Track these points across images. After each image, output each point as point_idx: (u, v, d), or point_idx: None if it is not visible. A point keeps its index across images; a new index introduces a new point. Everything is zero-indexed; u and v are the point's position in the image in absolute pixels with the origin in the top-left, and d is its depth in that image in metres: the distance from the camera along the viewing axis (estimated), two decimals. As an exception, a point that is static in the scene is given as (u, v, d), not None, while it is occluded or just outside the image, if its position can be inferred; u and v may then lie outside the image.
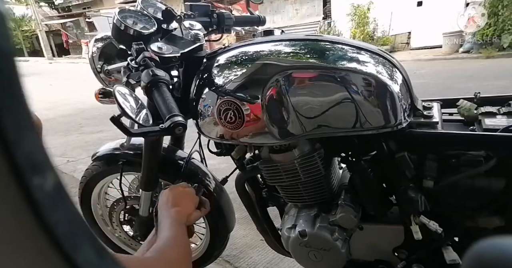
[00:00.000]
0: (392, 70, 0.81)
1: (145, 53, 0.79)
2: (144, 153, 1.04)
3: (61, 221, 0.15)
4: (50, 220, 0.14)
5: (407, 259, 0.93)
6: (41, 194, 0.14)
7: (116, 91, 0.71)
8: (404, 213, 0.87)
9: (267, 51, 0.83)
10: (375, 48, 0.84)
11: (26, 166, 0.14)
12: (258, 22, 1.26)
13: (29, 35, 19.49)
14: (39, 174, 0.14)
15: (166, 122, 0.69)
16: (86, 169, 1.29)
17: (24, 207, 0.14)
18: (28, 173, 0.14)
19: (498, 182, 0.78)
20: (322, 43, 0.84)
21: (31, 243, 0.15)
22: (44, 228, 0.14)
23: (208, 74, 0.88)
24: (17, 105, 0.14)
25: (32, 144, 0.14)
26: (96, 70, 1.02)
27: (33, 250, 0.15)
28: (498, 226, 0.81)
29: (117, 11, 0.88)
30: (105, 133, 3.83)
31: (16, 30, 17.70)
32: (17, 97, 0.13)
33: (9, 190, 0.13)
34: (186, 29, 0.96)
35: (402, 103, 0.79)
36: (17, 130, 0.13)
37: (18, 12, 18.23)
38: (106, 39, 1.04)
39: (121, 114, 0.69)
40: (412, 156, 0.82)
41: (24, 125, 0.14)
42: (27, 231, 0.14)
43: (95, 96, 1.06)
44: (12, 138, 0.13)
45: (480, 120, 0.82)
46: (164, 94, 0.74)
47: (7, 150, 0.13)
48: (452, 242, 0.88)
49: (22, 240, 0.15)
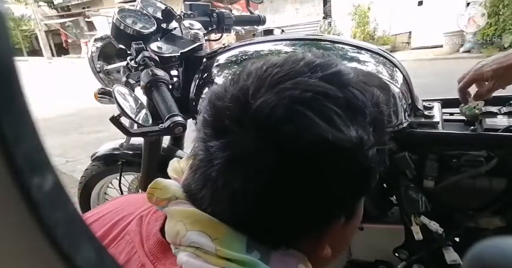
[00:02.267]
0: (393, 70, 0.81)
1: (145, 53, 0.79)
2: (144, 153, 1.04)
3: (61, 221, 0.15)
4: (49, 220, 0.14)
5: (407, 260, 0.93)
6: (40, 194, 0.14)
7: (116, 91, 0.71)
8: (404, 213, 0.87)
9: (267, 51, 0.83)
10: (376, 48, 0.84)
11: (25, 166, 0.13)
12: (258, 21, 1.26)
13: (28, 34, 19.50)
14: (38, 174, 0.14)
15: (166, 122, 0.69)
16: (86, 169, 1.29)
17: (23, 207, 0.14)
18: (27, 173, 0.14)
19: (499, 182, 0.78)
20: (322, 43, 0.84)
21: (30, 243, 0.15)
22: (43, 228, 0.14)
23: (208, 73, 0.88)
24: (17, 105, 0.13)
25: (31, 144, 0.14)
26: (96, 69, 1.02)
27: (32, 250, 0.15)
28: (498, 226, 0.81)
29: (117, 11, 0.88)
30: (104, 133, 3.83)
31: (15, 29, 17.70)
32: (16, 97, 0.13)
33: (8, 190, 0.13)
34: (185, 28, 0.96)
35: (403, 103, 0.79)
36: (16, 130, 0.13)
37: (17, 12, 18.22)
38: (105, 38, 1.04)
39: (120, 114, 0.69)
40: (412, 156, 0.82)
41: (23, 125, 0.14)
42: (26, 231, 0.14)
43: (95, 96, 1.06)
44: (11, 138, 0.13)
45: (481, 120, 0.82)
46: (164, 94, 0.74)
47: (6, 150, 0.13)
48: (452, 243, 0.88)
49: (21, 240, 0.15)
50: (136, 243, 0.35)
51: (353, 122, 0.30)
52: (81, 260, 0.15)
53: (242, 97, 0.30)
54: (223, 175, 0.31)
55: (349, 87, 0.31)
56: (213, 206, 0.32)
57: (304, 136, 0.28)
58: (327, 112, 0.29)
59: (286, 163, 0.29)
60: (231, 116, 0.30)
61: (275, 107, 0.29)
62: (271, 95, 0.29)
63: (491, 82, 0.77)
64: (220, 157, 0.30)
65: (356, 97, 0.31)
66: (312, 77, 0.31)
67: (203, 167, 0.32)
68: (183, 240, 0.31)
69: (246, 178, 0.30)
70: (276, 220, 0.31)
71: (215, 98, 0.33)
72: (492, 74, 0.76)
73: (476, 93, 0.81)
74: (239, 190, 0.30)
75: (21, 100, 0.13)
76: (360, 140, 0.30)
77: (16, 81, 0.13)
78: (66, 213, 0.15)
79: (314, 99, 0.29)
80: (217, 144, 0.31)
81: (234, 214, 0.31)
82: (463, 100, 0.84)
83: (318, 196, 0.31)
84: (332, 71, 0.32)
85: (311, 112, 0.29)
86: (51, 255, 0.15)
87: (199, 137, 0.34)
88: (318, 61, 0.33)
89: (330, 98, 0.30)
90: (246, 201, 0.30)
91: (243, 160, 0.30)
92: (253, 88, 0.30)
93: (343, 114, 0.30)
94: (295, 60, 0.33)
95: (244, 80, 0.32)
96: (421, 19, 8.54)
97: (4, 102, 0.13)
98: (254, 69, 0.33)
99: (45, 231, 0.14)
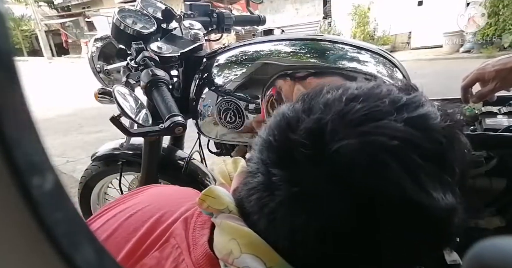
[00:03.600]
0: (393, 70, 0.81)
1: (145, 53, 0.79)
2: (144, 153, 1.04)
3: (61, 221, 0.15)
4: (49, 220, 0.14)
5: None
6: (40, 194, 0.14)
7: (116, 91, 0.71)
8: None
9: (267, 51, 0.83)
10: (376, 48, 0.84)
11: (25, 166, 0.13)
12: (258, 21, 1.26)
13: (28, 34, 19.48)
14: (39, 174, 0.14)
15: (166, 122, 0.69)
16: (86, 169, 1.29)
17: (23, 207, 0.14)
18: (27, 173, 0.14)
19: (499, 182, 0.78)
20: (322, 43, 0.84)
21: (29, 243, 0.15)
22: (43, 228, 0.14)
23: (208, 74, 0.88)
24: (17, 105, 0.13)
25: (31, 144, 0.14)
26: (96, 70, 1.02)
27: (32, 250, 0.15)
28: (499, 226, 0.81)
29: (117, 11, 0.88)
30: (104, 133, 3.83)
31: (15, 29, 17.69)
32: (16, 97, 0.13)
33: (8, 190, 0.13)
34: (185, 28, 0.96)
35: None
36: (16, 130, 0.13)
37: (17, 12, 18.22)
38: (105, 38, 1.04)
39: (120, 114, 0.69)
40: (412, 156, 0.82)
41: (23, 125, 0.14)
42: (26, 231, 0.14)
43: (95, 96, 1.06)
44: (11, 138, 0.13)
45: (481, 120, 0.82)
46: (164, 94, 0.74)
47: (6, 150, 0.13)
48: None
49: (21, 240, 0.15)
50: (184, 250, 0.34)
51: (442, 184, 0.27)
52: (81, 260, 0.15)
53: (319, 133, 0.27)
54: (287, 209, 0.29)
55: (437, 134, 0.28)
56: (269, 233, 0.31)
57: (386, 191, 0.26)
58: (415, 167, 0.26)
59: (360, 213, 0.26)
60: (304, 153, 0.27)
61: (357, 154, 0.26)
62: (352, 139, 0.26)
63: (493, 82, 0.77)
64: (284, 189, 0.28)
65: (444, 149, 0.28)
66: (398, 119, 0.27)
67: (261, 192, 0.30)
68: (237, 262, 0.30)
69: (311, 218, 0.28)
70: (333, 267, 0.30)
71: (286, 124, 0.30)
72: (495, 75, 0.76)
73: (478, 93, 0.81)
74: (301, 228, 0.28)
75: (21, 100, 0.13)
76: (450, 210, 0.27)
77: (16, 81, 0.13)
78: (66, 213, 0.15)
79: (402, 149, 0.26)
80: (282, 174, 0.29)
81: (292, 248, 0.30)
82: (465, 99, 0.83)
83: (379, 256, 0.29)
84: (419, 114, 0.28)
85: (398, 165, 0.25)
86: (51, 255, 0.15)
87: (260, 157, 0.31)
88: (405, 98, 0.29)
89: (418, 149, 0.26)
90: (306, 240, 0.29)
91: (311, 200, 0.27)
92: (331, 124, 0.27)
93: (432, 172, 0.26)
94: (380, 96, 0.29)
95: (321, 111, 0.29)
96: (421, 19, 8.54)
97: (4, 102, 0.13)
98: (332, 99, 0.30)
99: (45, 231, 0.14)
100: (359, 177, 0.26)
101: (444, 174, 0.27)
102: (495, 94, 0.81)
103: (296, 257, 0.30)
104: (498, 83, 0.76)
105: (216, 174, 0.41)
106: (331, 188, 0.27)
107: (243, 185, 0.34)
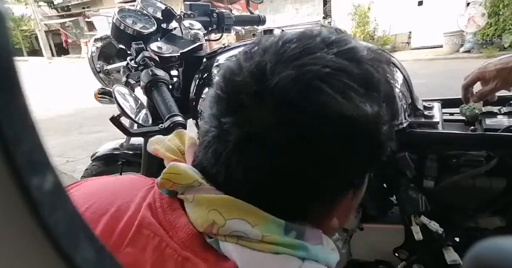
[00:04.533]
0: (393, 70, 0.81)
1: (145, 53, 0.79)
2: (144, 153, 1.04)
3: (60, 221, 0.15)
4: (49, 220, 0.14)
5: (407, 260, 0.93)
6: (40, 194, 0.14)
7: (116, 91, 0.71)
8: (404, 213, 0.87)
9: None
10: (376, 48, 0.84)
11: (25, 166, 0.13)
12: (258, 21, 1.26)
13: (28, 34, 19.50)
14: (38, 174, 0.14)
15: (166, 122, 0.69)
16: (86, 169, 1.29)
17: (23, 207, 0.14)
18: (27, 173, 0.14)
19: (499, 182, 0.78)
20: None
21: (30, 243, 0.15)
22: (43, 228, 0.14)
23: (208, 73, 0.88)
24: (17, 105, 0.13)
25: (31, 144, 0.14)
26: (96, 69, 1.02)
27: (31, 250, 0.15)
28: (498, 226, 0.81)
29: (117, 11, 0.88)
30: (104, 133, 3.83)
31: (15, 29, 17.70)
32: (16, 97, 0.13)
33: (8, 190, 0.13)
34: (185, 28, 0.96)
35: (403, 103, 0.79)
36: (16, 130, 0.13)
37: (17, 12, 18.23)
38: (105, 38, 1.04)
39: (120, 114, 0.69)
40: (412, 156, 0.82)
41: (23, 125, 0.14)
42: (26, 231, 0.14)
43: (95, 96, 1.06)
44: (11, 138, 0.13)
45: (481, 120, 0.82)
46: (164, 94, 0.74)
47: (6, 150, 0.13)
48: (452, 243, 0.88)
49: (21, 240, 0.15)
50: (163, 236, 0.33)
51: (369, 98, 0.31)
52: (81, 260, 0.15)
53: (260, 72, 0.30)
54: (239, 151, 0.31)
55: (364, 63, 0.32)
56: (228, 183, 0.32)
57: (323, 112, 0.29)
58: (345, 88, 0.30)
59: (305, 139, 0.29)
60: (248, 91, 0.30)
61: (295, 83, 0.29)
62: (290, 70, 0.29)
63: (494, 82, 0.77)
64: (234, 132, 0.30)
65: (370, 73, 0.32)
66: (329, 53, 0.31)
67: (217, 143, 0.32)
68: (222, 229, 0.30)
69: (263, 153, 0.30)
70: (294, 195, 0.32)
71: (230, 73, 0.32)
72: (496, 74, 0.75)
73: (478, 92, 0.81)
74: (256, 166, 0.30)
75: (21, 100, 0.13)
76: (376, 116, 0.31)
77: (16, 81, 0.13)
78: (66, 213, 0.15)
79: (333, 75, 0.30)
80: (231, 120, 0.31)
81: (250, 191, 0.31)
82: (465, 98, 0.83)
83: (335, 171, 0.32)
84: (347, 47, 0.32)
85: (330, 88, 0.29)
86: (51, 255, 0.15)
87: (211, 113, 0.33)
88: (333, 37, 0.33)
89: (347, 74, 0.30)
90: (262, 177, 0.31)
91: (260, 136, 0.30)
92: (270, 63, 0.30)
93: (360, 90, 0.30)
94: (311, 35, 0.33)
95: (260, 55, 0.32)
96: (421, 19, 8.53)
97: (4, 102, 0.13)
98: (269, 44, 0.33)
99: (45, 231, 0.14)
100: (298, 105, 0.29)
101: (372, 92, 0.31)
102: (495, 94, 0.81)
103: (260, 198, 0.31)
104: (499, 83, 0.76)
105: (164, 152, 0.40)
106: (275, 120, 0.29)
107: (200, 147, 0.35)
